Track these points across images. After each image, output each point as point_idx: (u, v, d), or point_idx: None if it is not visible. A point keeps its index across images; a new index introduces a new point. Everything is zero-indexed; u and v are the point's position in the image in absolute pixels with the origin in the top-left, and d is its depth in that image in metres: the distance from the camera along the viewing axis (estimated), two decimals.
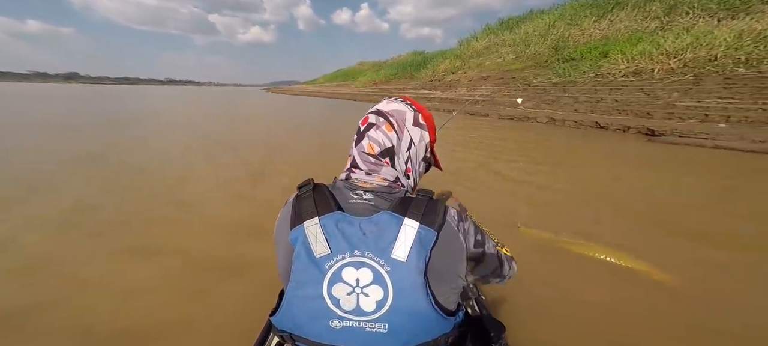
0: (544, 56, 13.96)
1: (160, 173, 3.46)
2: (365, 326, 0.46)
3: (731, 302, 1.45)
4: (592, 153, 4.66)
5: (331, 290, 0.46)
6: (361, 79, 31.83)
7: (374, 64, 39.76)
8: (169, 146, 4.94)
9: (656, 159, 3.97)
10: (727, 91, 6.09)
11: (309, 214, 0.48)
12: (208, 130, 7.36)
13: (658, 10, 12.71)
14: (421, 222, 0.46)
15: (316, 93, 37.12)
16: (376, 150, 0.55)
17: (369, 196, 0.51)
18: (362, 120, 0.59)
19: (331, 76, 49.55)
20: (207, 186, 2.99)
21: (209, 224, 2.18)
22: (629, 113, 6.95)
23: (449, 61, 18.86)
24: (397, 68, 25.34)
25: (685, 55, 8.22)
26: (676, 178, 3.30)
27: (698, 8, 11.47)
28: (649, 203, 2.59)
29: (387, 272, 0.45)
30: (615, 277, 1.68)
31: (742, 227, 2.17)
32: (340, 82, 39.51)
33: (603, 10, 14.47)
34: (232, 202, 2.63)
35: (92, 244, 1.91)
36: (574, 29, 14.52)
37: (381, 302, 0.45)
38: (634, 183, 3.15)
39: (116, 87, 61.81)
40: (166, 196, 2.71)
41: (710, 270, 1.70)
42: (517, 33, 16.69)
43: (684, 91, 6.83)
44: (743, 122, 4.81)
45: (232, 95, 31.90)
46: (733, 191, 2.95)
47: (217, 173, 3.49)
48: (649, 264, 1.71)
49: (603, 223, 2.26)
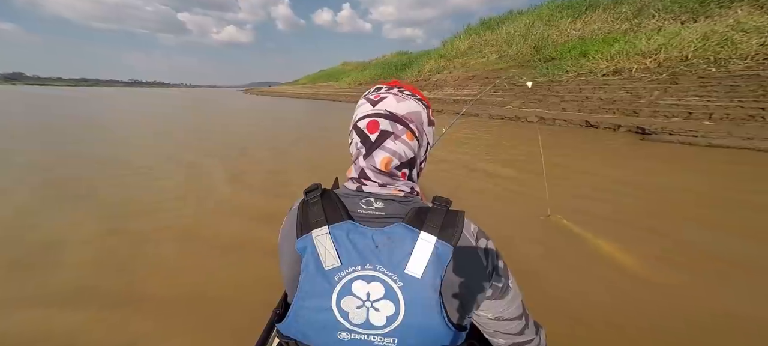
0: (526, 56, 14.33)
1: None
2: (374, 339, 0.44)
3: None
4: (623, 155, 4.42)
5: (340, 303, 0.44)
6: (345, 79, 31.31)
7: (358, 64, 39.29)
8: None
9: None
10: (703, 90, 6.46)
11: (318, 222, 0.45)
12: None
13: (627, 13, 13.45)
14: (438, 237, 0.43)
15: (298, 94, 36.11)
16: (395, 164, 0.49)
17: (380, 205, 0.47)
18: (368, 125, 0.49)
19: (314, 77, 48.47)
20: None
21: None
22: (616, 112, 7.19)
23: (434, 61, 18.92)
24: (383, 69, 25.16)
25: (659, 56, 8.70)
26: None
27: (662, 11, 12.27)
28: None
29: (400, 287, 0.43)
30: (627, 279, 1.66)
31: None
32: (324, 83, 38.74)
33: (578, 12, 15.11)
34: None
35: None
36: (552, 30, 15.04)
37: (392, 317, 0.43)
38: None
39: (61, 90, 54.30)
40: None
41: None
42: (498, 33, 17.02)
43: (663, 89, 7.18)
44: (725, 119, 5.10)
45: (201, 98, 28.76)
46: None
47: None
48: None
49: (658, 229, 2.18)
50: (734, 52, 7.25)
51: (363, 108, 0.51)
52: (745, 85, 5.96)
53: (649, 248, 1.93)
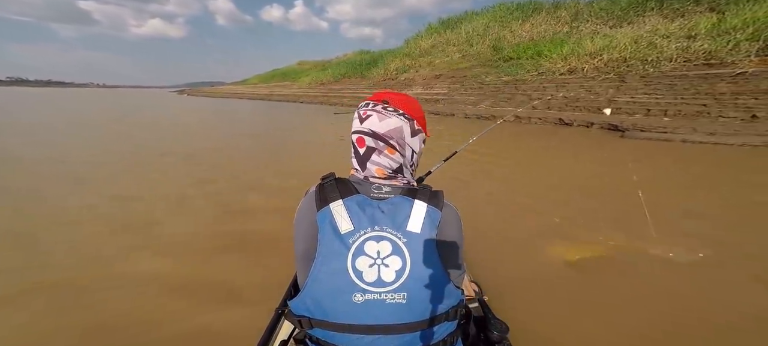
0: (486, 55, 14.99)
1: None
2: (386, 297, 0.50)
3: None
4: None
5: (355, 263, 0.50)
6: (304, 79, 29.27)
7: (317, 63, 37.10)
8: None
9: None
10: (648, 88, 7.39)
11: (333, 197, 0.53)
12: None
13: (566, 17, 15.00)
14: (428, 203, 0.54)
15: (248, 95, 32.70)
16: (386, 173, 0.59)
17: (389, 189, 0.57)
18: (357, 140, 0.59)
19: (267, 76, 44.42)
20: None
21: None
22: (582, 109, 7.82)
23: (399, 59, 18.69)
24: (346, 67, 24.04)
25: (604, 57, 9.79)
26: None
27: (594, 17, 13.98)
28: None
29: (404, 243, 0.51)
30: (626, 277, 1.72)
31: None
32: (279, 83, 35.79)
33: (526, 14, 16.34)
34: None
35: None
36: (505, 30, 16.00)
37: (400, 271, 0.51)
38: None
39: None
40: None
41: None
42: (459, 32, 17.49)
43: (616, 88, 8.05)
44: (678, 115, 5.89)
45: (102, 104, 20.93)
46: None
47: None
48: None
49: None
50: (661, 55, 8.50)
51: (355, 123, 0.60)
52: (680, 84, 6.98)
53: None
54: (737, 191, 3.12)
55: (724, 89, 6.07)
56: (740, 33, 7.64)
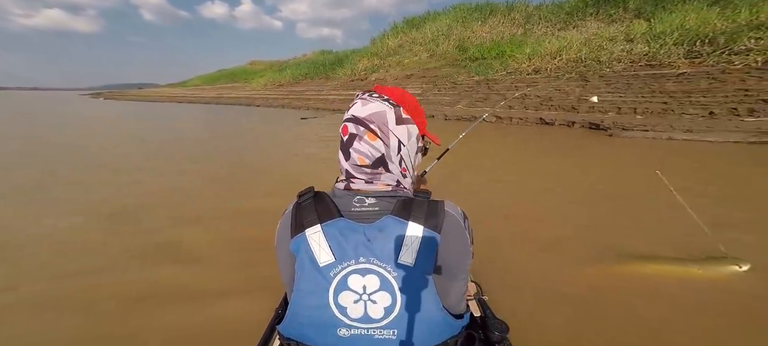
0: (453, 55, 15.18)
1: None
2: (374, 333, 0.45)
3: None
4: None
5: (338, 298, 0.45)
6: (259, 80, 26.49)
7: (273, 63, 33.91)
8: None
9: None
10: (610, 87, 8.06)
11: (310, 221, 0.47)
12: None
13: (519, 19, 16.02)
14: (424, 225, 0.46)
15: (190, 98, 28.34)
16: (368, 162, 0.52)
17: (372, 200, 0.50)
18: (342, 129, 0.54)
19: (212, 77, 39.18)
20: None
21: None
22: (558, 109, 8.20)
23: (367, 59, 17.93)
24: (307, 68, 22.31)
25: (563, 57, 10.55)
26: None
27: (543, 20, 15.17)
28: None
29: (394, 277, 0.45)
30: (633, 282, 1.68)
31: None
32: (227, 84, 31.84)
33: (484, 15, 16.99)
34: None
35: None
36: (468, 31, 16.42)
37: (389, 308, 0.45)
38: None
39: None
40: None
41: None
42: (424, 32, 17.40)
43: (582, 87, 8.64)
44: (647, 113, 6.47)
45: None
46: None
47: None
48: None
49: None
50: (610, 56, 9.45)
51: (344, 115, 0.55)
52: (635, 84, 7.74)
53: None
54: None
55: (674, 88, 6.88)
56: (668, 37, 8.87)
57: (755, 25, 7.66)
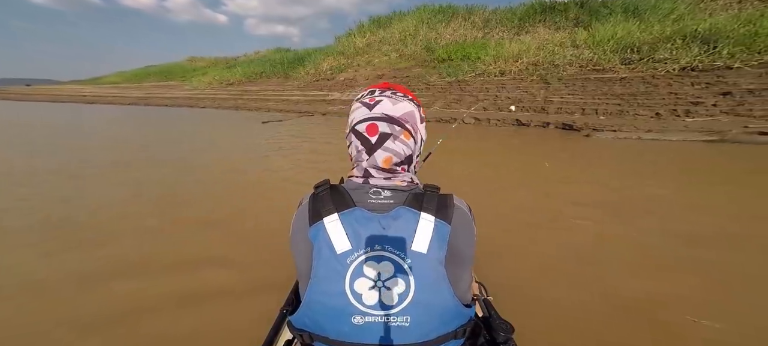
0: (422, 56, 15.27)
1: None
2: (388, 320, 0.47)
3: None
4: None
5: (354, 285, 0.47)
6: (201, 78, 22.99)
7: (218, 60, 29.68)
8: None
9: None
10: (569, 89, 8.93)
11: (328, 210, 0.49)
12: None
13: (478, 23, 16.92)
14: (436, 216, 0.49)
15: (106, 97, 23.10)
16: (394, 161, 0.55)
17: (388, 193, 0.53)
18: (367, 128, 0.54)
19: (138, 74, 32.54)
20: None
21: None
22: (530, 110, 8.76)
23: (333, 58, 16.89)
24: (263, 66, 20.09)
25: (523, 60, 11.39)
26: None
27: (499, 24, 16.28)
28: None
29: (408, 264, 0.47)
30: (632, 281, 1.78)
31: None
32: (160, 83, 26.88)
33: (448, 17, 17.48)
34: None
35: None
36: (433, 32, 16.70)
37: (403, 294, 0.47)
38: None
39: None
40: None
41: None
42: (392, 32, 17.12)
43: (545, 88, 9.40)
44: (607, 114, 7.28)
45: None
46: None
47: None
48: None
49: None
50: (562, 60, 10.52)
51: (359, 112, 0.55)
52: (589, 86, 8.71)
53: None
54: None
55: (621, 91, 7.92)
56: (606, 45, 10.25)
57: (666, 37, 9.33)
